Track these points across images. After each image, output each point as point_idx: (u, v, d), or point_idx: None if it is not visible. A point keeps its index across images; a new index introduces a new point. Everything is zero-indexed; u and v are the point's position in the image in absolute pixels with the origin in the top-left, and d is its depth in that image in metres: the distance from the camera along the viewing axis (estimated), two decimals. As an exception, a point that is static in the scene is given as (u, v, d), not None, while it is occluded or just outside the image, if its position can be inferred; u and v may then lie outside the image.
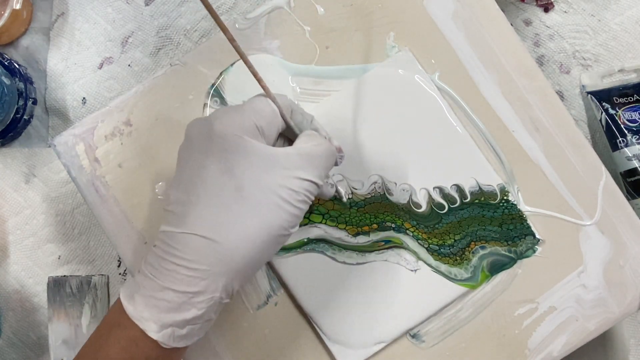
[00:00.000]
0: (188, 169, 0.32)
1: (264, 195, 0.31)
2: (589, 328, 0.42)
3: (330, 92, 0.44)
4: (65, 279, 0.54)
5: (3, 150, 0.57)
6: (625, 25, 0.53)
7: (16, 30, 0.56)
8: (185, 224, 0.31)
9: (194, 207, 0.31)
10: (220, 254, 0.31)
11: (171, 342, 0.32)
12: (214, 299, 0.32)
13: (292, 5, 0.45)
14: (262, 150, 0.32)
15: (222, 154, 0.31)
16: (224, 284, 0.32)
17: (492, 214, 0.43)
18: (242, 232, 0.31)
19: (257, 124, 0.33)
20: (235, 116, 0.32)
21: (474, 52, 0.44)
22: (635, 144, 0.50)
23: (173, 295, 0.31)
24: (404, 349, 0.42)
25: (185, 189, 0.32)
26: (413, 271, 0.42)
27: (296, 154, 0.33)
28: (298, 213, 0.33)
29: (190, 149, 0.33)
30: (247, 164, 0.31)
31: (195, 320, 0.32)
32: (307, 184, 0.33)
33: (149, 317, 0.31)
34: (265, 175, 0.32)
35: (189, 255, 0.31)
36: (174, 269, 0.31)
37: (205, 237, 0.31)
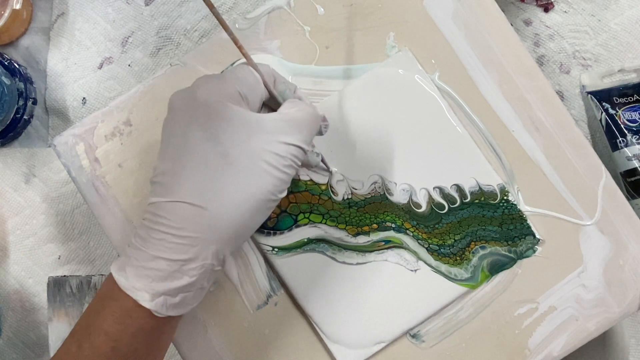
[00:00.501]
0: (173, 139, 0.32)
1: (250, 161, 0.31)
2: (589, 328, 0.42)
3: (330, 92, 0.44)
4: (65, 279, 0.54)
5: (3, 150, 0.57)
6: (625, 25, 0.54)
7: (16, 30, 0.56)
8: (171, 193, 0.31)
9: (180, 176, 0.31)
10: (209, 221, 0.31)
11: (164, 311, 0.31)
12: (205, 265, 0.32)
13: (292, 5, 0.45)
14: (246, 116, 0.32)
15: (206, 121, 0.31)
16: (214, 251, 0.32)
17: (492, 214, 0.43)
18: (230, 197, 0.31)
19: (240, 91, 0.33)
20: (218, 83, 0.32)
21: (474, 52, 0.44)
22: (635, 144, 0.50)
23: (164, 264, 0.31)
24: (404, 349, 0.42)
25: (171, 159, 0.32)
26: (413, 271, 0.42)
27: (280, 119, 0.33)
28: (285, 178, 0.33)
29: (174, 120, 0.33)
30: (232, 130, 0.31)
31: (188, 288, 0.32)
32: (292, 149, 0.33)
33: (141, 287, 0.31)
34: (251, 141, 0.32)
35: (178, 223, 0.31)
36: (163, 238, 0.31)
37: (193, 204, 0.31)
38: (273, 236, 0.42)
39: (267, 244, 0.42)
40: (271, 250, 0.42)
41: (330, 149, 0.43)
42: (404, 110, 0.43)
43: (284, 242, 0.42)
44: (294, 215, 0.42)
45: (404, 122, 0.43)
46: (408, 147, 0.43)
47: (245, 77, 0.34)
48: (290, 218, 0.42)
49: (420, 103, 0.43)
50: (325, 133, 0.38)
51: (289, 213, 0.42)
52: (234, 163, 0.31)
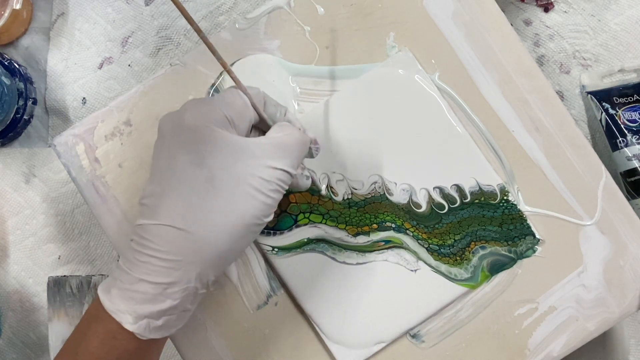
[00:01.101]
0: (161, 162, 0.32)
1: (235, 185, 0.31)
2: (589, 328, 0.42)
3: (330, 92, 0.44)
4: (65, 279, 0.54)
5: (3, 150, 0.57)
6: (625, 25, 0.53)
7: (16, 30, 0.56)
8: (157, 216, 0.31)
9: (166, 199, 0.31)
10: (193, 244, 0.31)
11: (147, 334, 0.32)
12: (189, 289, 0.32)
13: (292, 5, 0.45)
14: (232, 140, 0.32)
15: (193, 145, 0.31)
16: (197, 274, 0.32)
17: (492, 214, 0.43)
18: (214, 221, 0.31)
19: (227, 115, 0.33)
20: (205, 108, 0.32)
21: (474, 52, 0.44)
22: (635, 144, 0.50)
23: (147, 287, 0.31)
24: (404, 349, 0.42)
25: (158, 182, 0.32)
26: (413, 271, 0.42)
27: (267, 143, 0.33)
28: (271, 202, 0.33)
29: (162, 143, 0.33)
30: (218, 154, 0.31)
31: (171, 311, 0.32)
32: (279, 173, 0.33)
33: (125, 309, 0.31)
34: (237, 165, 0.32)
35: (162, 246, 0.31)
36: (147, 261, 0.31)
37: (177, 227, 0.31)
38: (273, 236, 0.42)
39: (267, 244, 0.42)
40: (271, 250, 0.42)
41: (330, 149, 0.43)
42: (404, 110, 0.43)
43: (284, 242, 0.42)
44: (294, 215, 0.42)
45: (404, 122, 0.43)
46: (408, 147, 0.43)
47: (233, 101, 0.34)
48: (290, 218, 0.42)
49: (420, 103, 0.43)
50: (316, 156, 0.38)
51: (289, 213, 0.43)
52: (220, 187, 0.31)
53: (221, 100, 0.33)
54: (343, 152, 0.43)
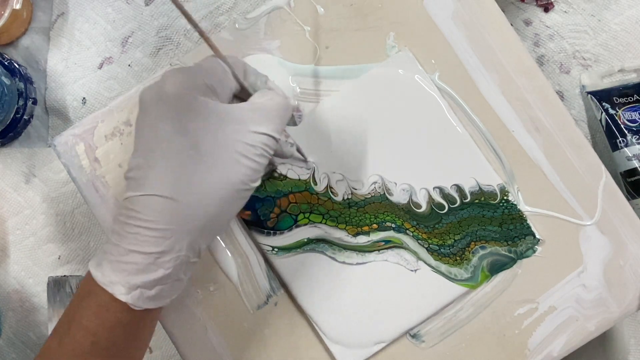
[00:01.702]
0: (143, 133, 0.32)
1: (220, 151, 0.32)
2: (589, 328, 0.42)
3: (330, 92, 0.44)
4: (65, 279, 0.54)
5: (3, 150, 0.57)
6: (625, 25, 0.53)
7: (16, 30, 0.56)
8: (144, 187, 0.31)
9: (152, 169, 0.31)
10: (181, 212, 0.31)
11: (140, 303, 0.32)
12: (180, 257, 0.32)
13: (292, 5, 0.45)
14: (215, 107, 0.32)
15: (175, 114, 0.31)
16: (188, 242, 0.32)
17: (492, 214, 0.43)
18: (201, 189, 0.31)
19: (208, 83, 0.33)
20: (185, 76, 0.32)
21: (474, 52, 0.44)
22: (635, 144, 0.50)
23: (139, 257, 0.31)
24: (404, 349, 0.42)
25: (143, 154, 0.32)
26: (413, 271, 0.42)
27: (250, 108, 0.33)
28: (257, 167, 0.33)
29: (144, 114, 0.33)
30: (201, 121, 0.31)
31: (164, 280, 0.32)
32: (263, 137, 0.33)
33: (117, 280, 0.31)
34: (220, 131, 0.32)
35: (151, 216, 0.31)
36: (137, 232, 0.31)
37: (165, 196, 0.31)
38: (273, 236, 0.42)
39: (267, 244, 0.42)
40: (271, 250, 0.42)
41: (330, 149, 0.43)
42: (404, 110, 0.43)
43: (284, 242, 0.42)
44: (294, 215, 0.42)
45: (404, 122, 0.43)
46: (408, 147, 0.43)
47: (213, 69, 0.34)
48: (290, 218, 0.42)
49: (420, 103, 0.43)
50: (299, 123, 0.38)
51: (289, 213, 0.43)
52: (205, 154, 0.31)
53: (201, 69, 0.33)
54: (343, 152, 0.43)
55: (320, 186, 0.43)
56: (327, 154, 0.43)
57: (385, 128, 0.43)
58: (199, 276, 0.43)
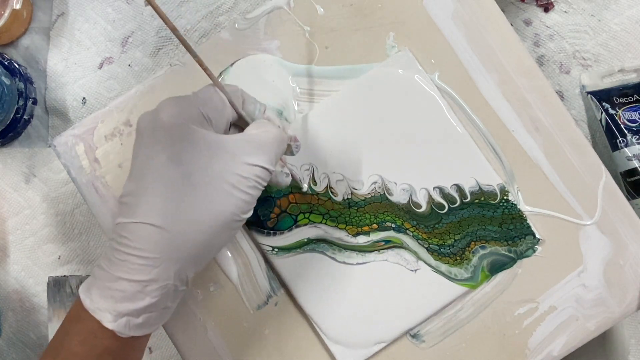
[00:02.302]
0: (138, 160, 0.32)
1: (212, 182, 0.32)
2: (589, 328, 0.42)
3: (330, 92, 0.44)
4: (65, 279, 0.54)
5: (3, 150, 0.57)
6: (625, 25, 0.53)
7: (16, 30, 0.56)
8: (135, 214, 0.31)
9: (143, 197, 0.31)
10: (171, 242, 0.31)
11: (127, 331, 0.32)
12: (168, 286, 0.32)
13: (292, 5, 0.45)
14: (209, 138, 0.32)
15: (169, 143, 0.32)
16: (176, 271, 0.32)
17: (492, 214, 0.43)
18: (191, 219, 0.31)
19: (204, 113, 0.33)
20: (181, 105, 0.33)
21: (473, 52, 0.44)
22: (635, 144, 0.50)
23: (126, 285, 0.31)
24: (404, 349, 0.42)
25: (136, 180, 0.32)
26: (413, 271, 0.42)
27: (244, 140, 0.33)
28: (248, 199, 0.33)
29: (140, 141, 0.33)
30: (194, 151, 0.32)
31: (150, 309, 0.32)
32: (256, 170, 0.33)
33: (105, 307, 0.31)
34: (213, 162, 0.32)
35: (140, 244, 0.31)
36: (126, 259, 0.31)
37: (155, 225, 0.31)
38: (273, 236, 0.42)
39: (267, 244, 0.42)
40: (271, 250, 0.42)
41: (330, 149, 0.43)
42: (404, 110, 0.43)
43: (284, 242, 0.42)
44: (294, 215, 0.43)
45: (404, 122, 0.43)
46: (408, 147, 0.43)
47: (210, 99, 0.34)
48: (290, 218, 0.42)
49: (420, 103, 0.43)
50: (297, 153, 0.38)
51: (289, 213, 0.43)
52: (196, 184, 0.31)
53: (197, 98, 0.34)
54: (343, 152, 0.43)
55: (320, 186, 0.43)
56: (327, 154, 0.43)
57: (385, 128, 0.43)
58: (199, 276, 0.43)
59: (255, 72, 0.44)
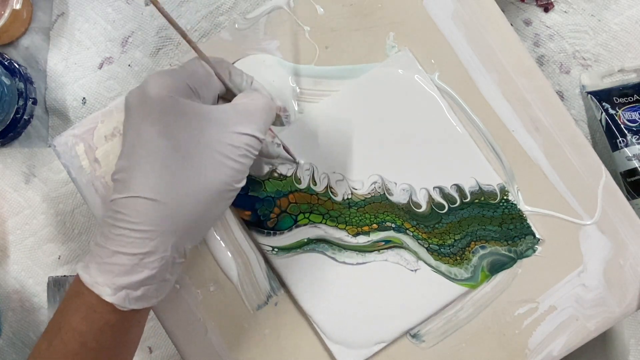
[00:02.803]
0: (128, 136, 0.33)
1: (203, 153, 0.32)
2: (589, 328, 0.42)
3: (330, 92, 0.44)
4: (65, 279, 0.54)
5: (3, 150, 0.57)
6: (625, 25, 0.53)
7: (16, 30, 0.56)
8: (128, 189, 0.31)
9: (136, 172, 0.32)
10: (165, 214, 0.31)
11: (127, 304, 0.32)
12: (165, 258, 0.32)
13: (292, 5, 0.45)
14: (197, 109, 0.32)
15: (158, 116, 0.32)
16: (173, 243, 0.32)
17: (492, 214, 0.43)
18: (185, 190, 0.32)
19: (191, 85, 0.33)
20: (167, 79, 0.33)
21: (473, 52, 0.44)
22: (635, 144, 0.50)
23: (124, 259, 0.31)
24: (404, 349, 0.42)
25: (127, 156, 0.32)
26: (413, 271, 0.42)
27: (232, 109, 0.33)
28: (240, 168, 0.33)
29: (129, 117, 0.33)
30: (183, 123, 0.32)
31: (149, 281, 0.32)
32: (246, 138, 0.33)
33: (103, 282, 0.31)
34: (203, 133, 0.32)
35: (135, 217, 0.31)
36: (122, 233, 0.31)
37: (149, 198, 0.31)
38: (273, 236, 0.42)
39: (267, 244, 0.42)
40: (271, 251, 0.42)
41: (330, 149, 0.43)
42: (404, 110, 0.43)
43: (284, 242, 0.42)
44: (294, 215, 0.43)
45: (404, 122, 0.43)
46: (408, 147, 0.43)
47: (195, 71, 0.34)
48: (290, 218, 0.42)
49: (420, 103, 0.43)
50: (287, 124, 0.38)
51: (289, 213, 0.43)
52: (188, 155, 0.32)
53: (184, 71, 0.34)
54: (343, 152, 0.43)
55: (320, 186, 0.43)
56: (326, 154, 0.43)
57: (385, 128, 0.43)
58: (199, 276, 0.43)
59: (255, 72, 0.44)
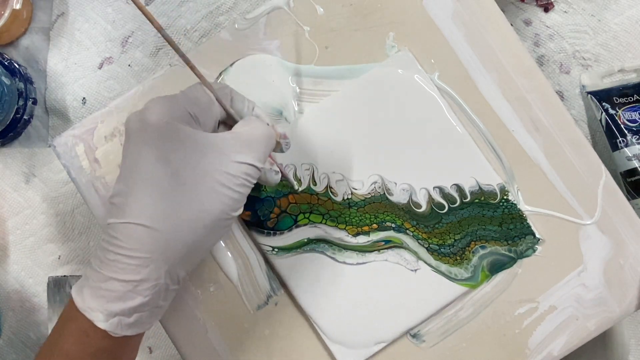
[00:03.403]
0: (127, 161, 0.33)
1: (201, 181, 0.32)
2: (589, 327, 0.42)
3: (330, 92, 0.44)
4: (65, 279, 0.54)
5: (3, 150, 0.57)
6: (625, 25, 0.53)
7: (16, 30, 0.56)
8: (124, 214, 0.31)
9: (132, 197, 0.31)
10: (160, 241, 0.31)
11: (119, 331, 0.32)
12: (159, 285, 0.32)
13: (292, 5, 0.45)
14: (196, 136, 0.32)
15: (157, 142, 0.32)
16: (166, 271, 0.32)
17: (492, 214, 0.43)
18: (181, 218, 0.31)
19: (191, 112, 0.33)
20: (168, 105, 0.33)
21: (473, 52, 0.44)
22: (635, 144, 0.50)
23: (117, 285, 0.31)
24: (404, 349, 0.42)
25: (125, 180, 0.32)
26: (413, 271, 0.42)
27: (232, 137, 0.33)
28: (237, 197, 0.33)
29: (128, 142, 0.33)
30: (182, 150, 0.32)
31: (142, 308, 0.32)
32: (245, 167, 0.33)
33: (96, 307, 0.31)
34: (201, 161, 0.32)
35: (130, 244, 0.31)
36: (116, 259, 0.31)
37: (144, 225, 0.31)
38: (273, 236, 0.42)
39: (267, 244, 0.42)
40: (271, 251, 0.42)
41: (330, 149, 0.43)
42: (403, 110, 0.43)
43: (284, 242, 0.42)
44: (294, 215, 0.43)
45: (404, 122, 0.43)
46: (408, 147, 0.43)
47: (197, 98, 0.34)
48: (290, 218, 0.42)
49: (420, 103, 0.43)
50: (286, 150, 0.38)
51: (289, 213, 0.43)
52: (185, 183, 0.31)
53: (185, 97, 0.34)
54: (343, 152, 0.43)
55: (320, 186, 0.43)
56: (327, 154, 0.43)
57: (385, 128, 0.43)
58: (199, 276, 0.43)
59: (255, 72, 0.44)
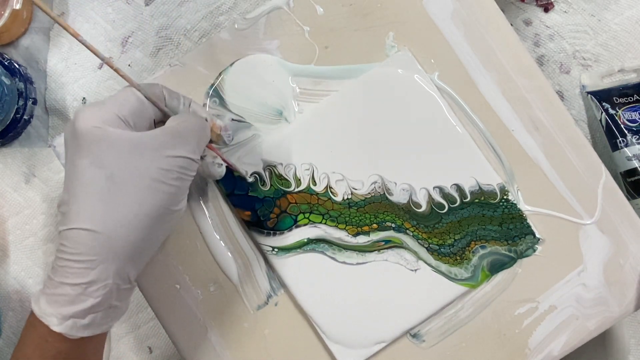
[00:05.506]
0: (66, 170, 0.34)
1: (135, 179, 0.32)
2: (589, 327, 0.42)
3: (329, 92, 0.44)
4: (65, 279, 0.54)
5: (3, 150, 0.57)
6: (625, 25, 0.53)
7: (16, 30, 0.56)
8: (69, 221, 0.32)
9: (73, 204, 0.32)
10: (104, 243, 0.32)
11: (75, 332, 0.33)
12: (108, 285, 0.33)
13: (292, 5, 0.45)
14: (125, 137, 0.33)
15: (88, 148, 0.32)
16: (115, 271, 0.33)
17: (492, 214, 0.43)
18: (120, 217, 0.32)
19: (120, 115, 0.34)
20: (95, 110, 0.33)
21: (473, 51, 0.44)
22: (635, 144, 0.50)
23: (68, 289, 0.32)
24: (404, 349, 0.42)
25: (67, 189, 0.33)
26: (413, 271, 0.42)
27: (162, 133, 0.34)
28: (175, 191, 0.34)
29: (66, 152, 0.34)
30: (114, 152, 0.32)
31: (95, 309, 0.33)
32: (179, 160, 0.33)
33: (51, 312, 0.32)
34: (134, 160, 0.32)
35: (76, 248, 0.32)
36: (65, 265, 0.32)
37: (86, 229, 0.32)
38: (273, 236, 0.42)
39: (267, 244, 0.42)
40: (271, 251, 0.42)
41: (330, 149, 0.43)
42: (403, 110, 0.43)
43: (284, 242, 0.42)
44: (294, 215, 0.43)
45: (403, 122, 0.43)
46: (408, 147, 0.43)
47: (126, 100, 0.35)
48: (290, 218, 0.42)
49: (420, 103, 0.43)
50: (230, 143, 0.38)
51: (289, 213, 0.43)
52: (121, 184, 0.32)
53: (113, 101, 0.34)
54: (343, 152, 0.43)
55: (320, 186, 0.43)
56: (327, 154, 0.43)
57: (385, 128, 0.43)
58: (199, 276, 0.43)
59: (255, 72, 0.44)
